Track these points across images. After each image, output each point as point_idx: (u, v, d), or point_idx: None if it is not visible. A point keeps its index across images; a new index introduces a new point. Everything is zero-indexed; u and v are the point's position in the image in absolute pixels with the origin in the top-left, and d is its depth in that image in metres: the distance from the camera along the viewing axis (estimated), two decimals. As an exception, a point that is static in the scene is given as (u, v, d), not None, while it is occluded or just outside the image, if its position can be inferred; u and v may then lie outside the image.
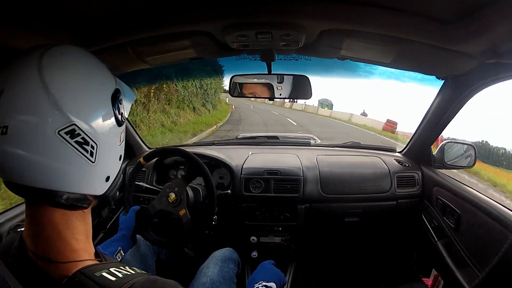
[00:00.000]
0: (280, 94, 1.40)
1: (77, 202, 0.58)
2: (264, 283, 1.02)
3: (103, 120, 0.58)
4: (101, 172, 0.61)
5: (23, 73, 0.52)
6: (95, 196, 0.62)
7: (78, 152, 0.54)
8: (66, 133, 0.52)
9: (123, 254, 1.15)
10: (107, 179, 0.63)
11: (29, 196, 0.57)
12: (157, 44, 1.11)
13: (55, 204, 0.56)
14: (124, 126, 0.66)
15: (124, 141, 0.69)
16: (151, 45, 1.11)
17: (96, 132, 0.56)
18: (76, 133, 0.53)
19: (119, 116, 0.62)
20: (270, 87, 1.40)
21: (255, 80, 1.43)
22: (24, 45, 0.85)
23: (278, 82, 1.38)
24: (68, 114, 0.52)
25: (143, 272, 0.62)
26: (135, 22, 0.96)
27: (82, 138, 0.54)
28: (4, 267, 0.55)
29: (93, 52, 1.05)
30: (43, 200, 0.56)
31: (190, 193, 1.43)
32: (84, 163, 0.56)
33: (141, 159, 1.48)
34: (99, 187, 0.62)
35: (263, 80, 1.41)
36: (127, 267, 0.62)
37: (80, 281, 0.53)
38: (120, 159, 0.67)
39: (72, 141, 0.53)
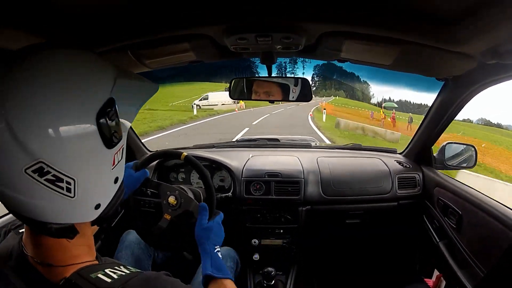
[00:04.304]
0: (293, 97, 1.40)
1: (62, 232, 0.54)
2: (218, 248, 1.01)
3: (82, 149, 0.50)
4: (87, 203, 0.55)
5: None
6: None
7: (51, 190, 0.48)
8: (34, 171, 0.46)
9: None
10: (97, 206, 0.57)
11: (18, 219, 0.55)
12: (157, 47, 1.10)
13: (40, 231, 0.54)
14: (120, 144, 0.57)
15: (122, 161, 0.61)
16: (151, 48, 1.11)
17: (73, 166, 0.49)
18: (45, 170, 0.47)
19: (109, 137, 0.53)
20: (286, 88, 1.39)
21: (274, 80, 1.41)
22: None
23: (294, 85, 1.38)
24: (33, 150, 0.45)
25: (138, 270, 0.62)
26: (135, 25, 0.96)
27: (53, 175, 0.47)
28: (7, 267, 0.56)
29: None
30: (30, 226, 0.55)
31: (190, 194, 1.42)
32: (61, 198, 0.50)
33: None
34: (88, 216, 0.57)
35: (281, 80, 1.39)
36: (122, 267, 0.62)
37: (76, 283, 0.54)
38: (116, 182, 0.60)
39: (41, 180, 0.47)
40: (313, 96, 1.48)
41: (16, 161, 0.45)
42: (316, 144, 2.60)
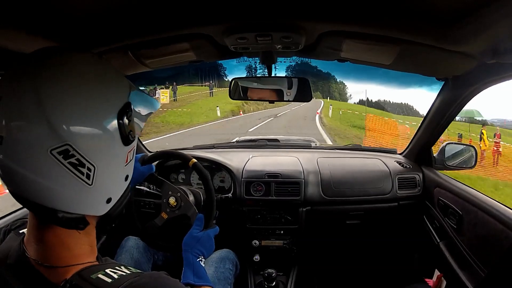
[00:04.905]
0: (289, 100, 1.41)
1: (73, 222, 0.56)
2: (202, 258, 1.00)
3: (104, 141, 0.54)
4: (101, 194, 0.58)
5: (20, 83, 0.49)
6: (95, 216, 0.60)
7: (73, 174, 0.51)
8: (59, 153, 0.49)
9: None
10: (109, 200, 0.59)
11: (31, 209, 0.56)
12: (157, 47, 1.10)
13: (50, 220, 0.55)
14: (133, 144, 0.61)
15: (132, 160, 0.64)
16: (151, 48, 1.11)
17: (95, 154, 0.53)
18: (70, 153, 0.50)
19: (126, 135, 0.57)
20: (279, 92, 1.40)
21: (266, 86, 1.42)
22: (24, 48, 0.86)
23: (288, 89, 1.38)
24: (62, 133, 0.49)
25: (138, 271, 0.62)
26: (135, 25, 0.96)
27: (77, 159, 0.51)
28: (5, 268, 0.56)
29: None
30: (42, 215, 0.56)
31: (191, 197, 1.42)
32: (79, 185, 0.53)
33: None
34: (99, 209, 0.59)
35: (275, 86, 1.40)
36: (122, 267, 0.62)
37: (77, 284, 0.54)
38: (126, 180, 0.64)
39: (65, 162, 0.50)
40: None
41: (43, 142, 0.48)
42: (316, 144, 2.60)
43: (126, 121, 0.57)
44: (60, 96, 0.50)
